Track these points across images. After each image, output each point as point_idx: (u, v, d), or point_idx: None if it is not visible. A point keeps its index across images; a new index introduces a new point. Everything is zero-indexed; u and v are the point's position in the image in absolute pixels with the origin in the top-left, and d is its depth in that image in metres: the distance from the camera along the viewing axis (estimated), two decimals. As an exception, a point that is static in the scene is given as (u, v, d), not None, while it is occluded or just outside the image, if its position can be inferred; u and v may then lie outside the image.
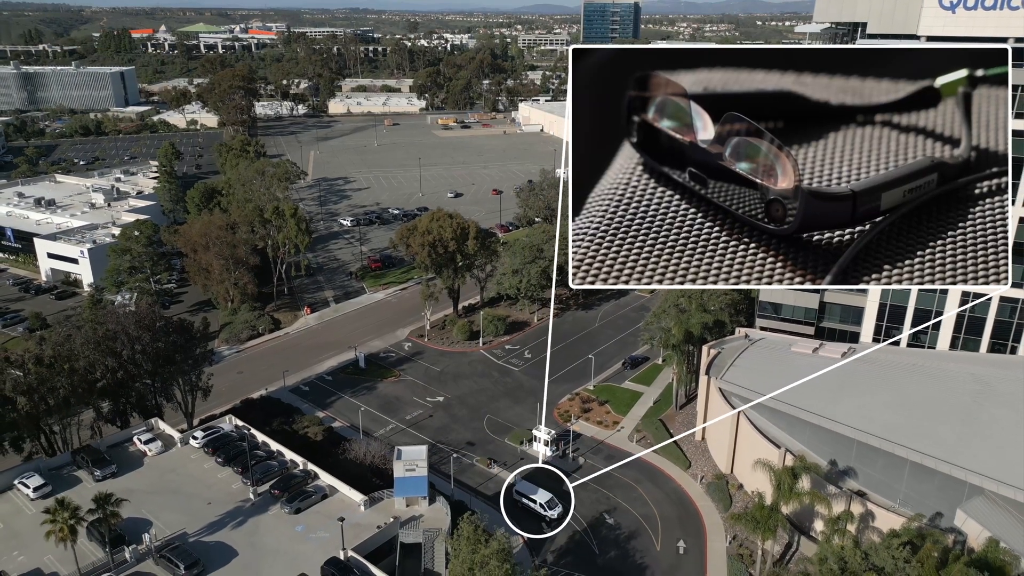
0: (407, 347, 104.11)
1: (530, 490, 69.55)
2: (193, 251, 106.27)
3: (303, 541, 56.87)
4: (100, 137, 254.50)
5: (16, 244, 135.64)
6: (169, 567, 53.25)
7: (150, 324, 72.26)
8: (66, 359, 66.77)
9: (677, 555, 64.49)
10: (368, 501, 60.90)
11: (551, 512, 67.41)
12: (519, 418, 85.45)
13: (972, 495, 55.37)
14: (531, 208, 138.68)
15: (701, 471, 75.61)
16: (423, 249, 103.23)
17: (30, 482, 61.37)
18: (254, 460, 64.81)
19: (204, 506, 60.79)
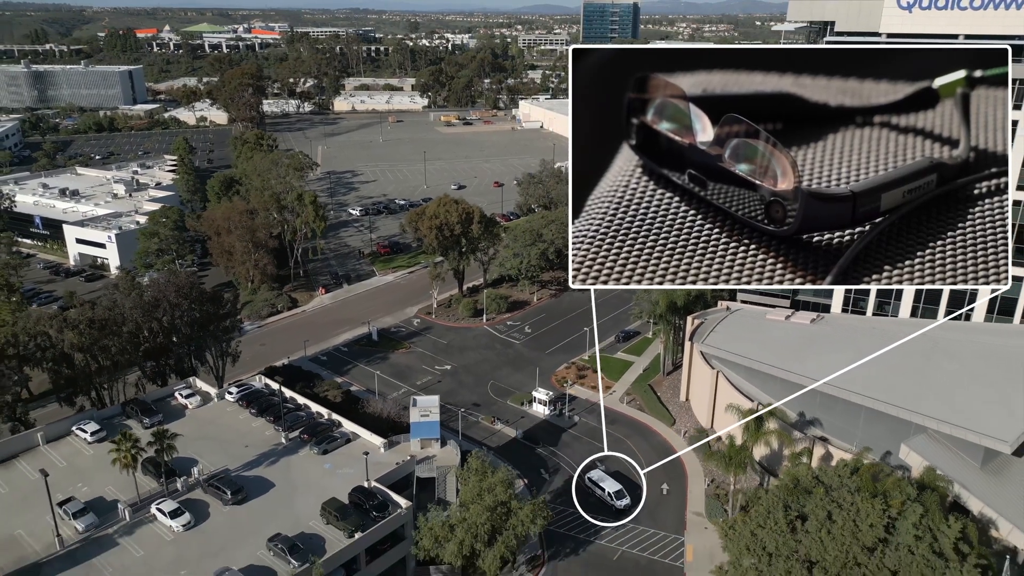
0: (416, 323, 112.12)
1: (600, 479, 72.12)
2: (216, 234, 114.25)
3: (331, 475, 64.81)
4: (113, 133, 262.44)
5: (44, 231, 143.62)
6: (217, 493, 61.25)
7: (188, 293, 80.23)
8: (115, 322, 74.78)
9: (661, 495, 72.48)
10: (387, 444, 68.92)
11: (619, 502, 69.46)
12: (520, 383, 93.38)
13: (916, 433, 63.35)
14: (531, 196, 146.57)
15: (685, 427, 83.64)
16: (431, 232, 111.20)
17: (87, 428, 69.21)
18: (284, 411, 72.73)
19: (242, 448, 68.71)
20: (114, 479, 62.97)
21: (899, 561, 44.77)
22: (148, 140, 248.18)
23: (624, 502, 69.49)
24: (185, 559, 55.37)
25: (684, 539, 66.58)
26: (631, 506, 69.10)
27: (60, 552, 55.57)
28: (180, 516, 58.25)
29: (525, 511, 58.74)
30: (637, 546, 66.14)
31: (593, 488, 71.91)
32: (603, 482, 71.80)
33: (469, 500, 59.25)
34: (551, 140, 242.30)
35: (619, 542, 66.54)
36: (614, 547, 65.64)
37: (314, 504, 60.49)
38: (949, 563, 44.27)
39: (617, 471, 75.25)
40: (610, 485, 71.19)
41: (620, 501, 69.53)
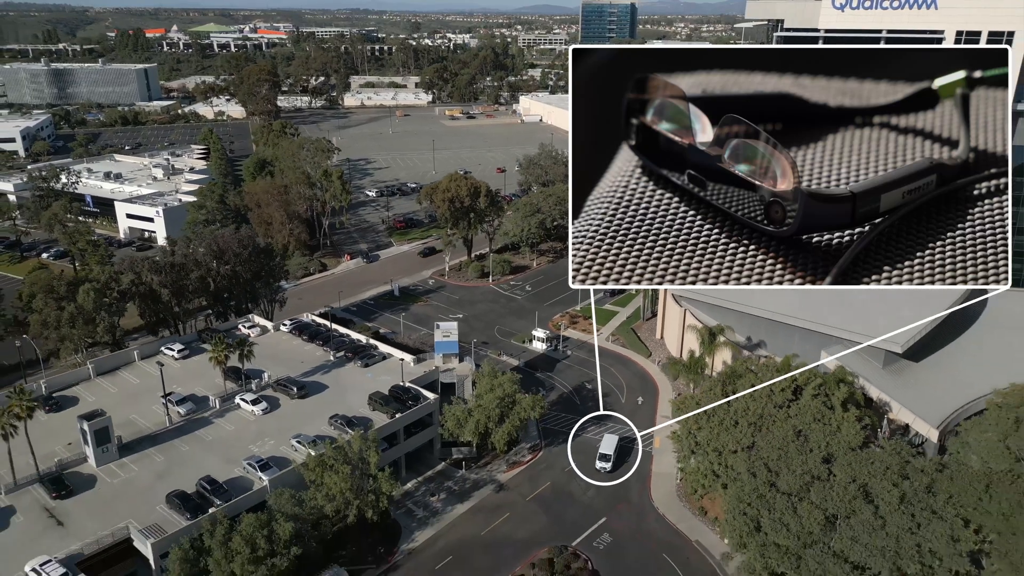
0: (431, 283, 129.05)
1: (602, 436, 78.44)
2: (257, 206, 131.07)
3: (373, 381, 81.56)
4: (137, 127, 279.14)
5: (95, 209, 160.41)
6: (285, 390, 78.10)
7: (247, 244, 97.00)
8: (189, 268, 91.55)
9: (637, 405, 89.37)
10: (416, 359, 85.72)
11: (599, 464, 75.78)
12: (521, 328, 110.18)
13: (834, 344, 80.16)
14: (531, 176, 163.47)
15: (659, 357, 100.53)
16: (444, 204, 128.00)
17: (174, 347, 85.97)
18: (331, 337, 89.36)
19: (299, 364, 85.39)
20: (200, 383, 79.91)
21: (799, 411, 61.54)
22: (172, 133, 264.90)
23: (604, 465, 75.46)
24: (267, 432, 72.25)
25: (653, 434, 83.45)
26: (609, 472, 74.98)
27: (170, 427, 72.47)
28: (259, 404, 75.11)
29: (527, 400, 75.66)
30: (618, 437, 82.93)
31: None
32: (600, 440, 79.12)
33: (483, 392, 76.08)
34: (549, 131, 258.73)
35: (603, 435, 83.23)
36: (597, 437, 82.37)
37: (362, 398, 77.31)
38: (835, 412, 61.03)
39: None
40: (605, 445, 77.56)
41: (600, 463, 75.70)
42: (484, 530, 68.90)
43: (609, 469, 75.60)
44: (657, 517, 70.86)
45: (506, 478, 76.29)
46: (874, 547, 45.68)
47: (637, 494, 73.95)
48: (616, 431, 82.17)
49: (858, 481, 50.89)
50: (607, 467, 75.70)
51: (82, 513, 60.82)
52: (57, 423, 72.76)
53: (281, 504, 59.62)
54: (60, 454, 67.84)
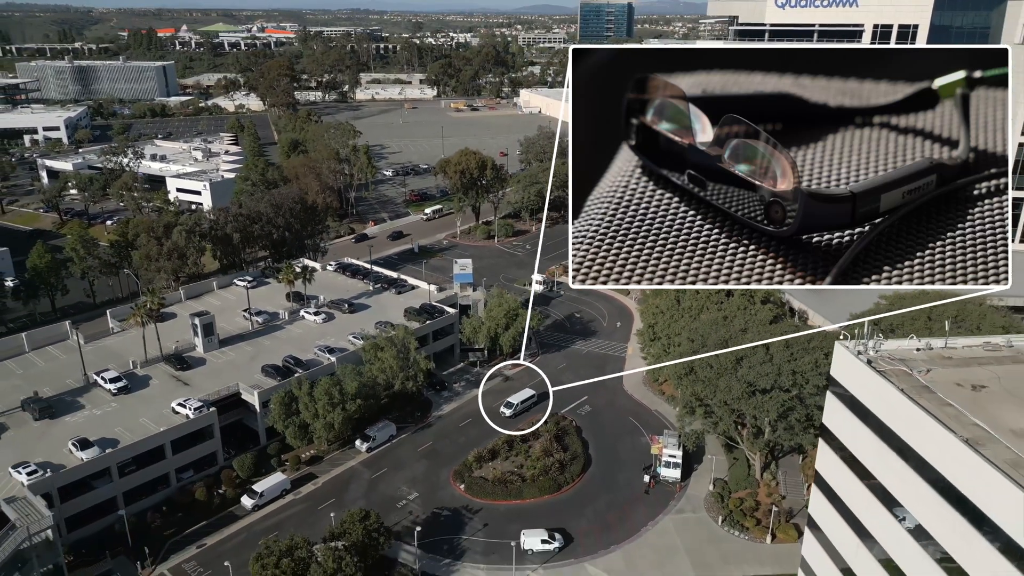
0: (445, 243, 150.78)
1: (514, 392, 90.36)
2: (296, 178, 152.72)
3: (405, 301, 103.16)
4: (165, 118, 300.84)
5: (146, 185, 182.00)
6: (337, 307, 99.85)
7: (299, 200, 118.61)
8: (255, 219, 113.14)
9: (616, 328, 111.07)
10: (439, 288, 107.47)
11: (505, 411, 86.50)
12: (522, 276, 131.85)
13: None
14: (530, 153, 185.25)
15: (636, 295, 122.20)
16: (455, 175, 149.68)
17: (245, 278, 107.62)
18: (369, 272, 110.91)
19: (345, 292, 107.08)
20: (269, 304, 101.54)
21: (728, 304, 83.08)
22: (198, 123, 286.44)
23: (508, 412, 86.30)
24: (328, 333, 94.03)
25: (627, 345, 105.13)
26: (512, 419, 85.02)
27: (252, 331, 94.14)
28: (320, 315, 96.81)
29: (533, 314, 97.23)
30: (598, 348, 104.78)
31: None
32: (512, 395, 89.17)
33: (493, 307, 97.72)
34: (547, 120, 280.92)
35: (587, 347, 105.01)
36: (582, 348, 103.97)
37: (399, 312, 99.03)
38: (755, 304, 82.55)
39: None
40: (516, 397, 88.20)
41: (504, 409, 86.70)
42: (495, 404, 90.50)
43: (509, 415, 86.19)
44: (626, 397, 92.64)
45: (511, 373, 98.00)
46: (763, 373, 66.69)
47: (611, 383, 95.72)
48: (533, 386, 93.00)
49: (761, 335, 72.17)
50: (508, 413, 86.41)
51: (200, 379, 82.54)
52: (164, 330, 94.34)
53: (346, 373, 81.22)
54: (171, 349, 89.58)
